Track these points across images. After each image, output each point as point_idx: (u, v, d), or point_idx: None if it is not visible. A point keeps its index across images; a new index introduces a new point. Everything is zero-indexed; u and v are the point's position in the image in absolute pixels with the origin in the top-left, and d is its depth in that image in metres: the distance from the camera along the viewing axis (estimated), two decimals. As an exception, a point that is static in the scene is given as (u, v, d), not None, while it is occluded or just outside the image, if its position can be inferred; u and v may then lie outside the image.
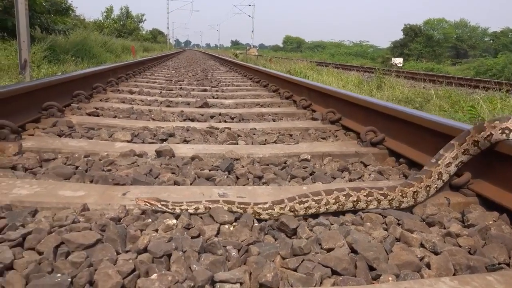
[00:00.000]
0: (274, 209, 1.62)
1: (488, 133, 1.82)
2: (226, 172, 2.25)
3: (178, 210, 1.61)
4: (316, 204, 1.65)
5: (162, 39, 76.92)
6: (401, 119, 2.62)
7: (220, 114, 3.98)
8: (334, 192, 1.68)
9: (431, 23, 60.06)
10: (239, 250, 1.37)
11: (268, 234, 1.54)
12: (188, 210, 1.62)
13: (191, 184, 2.04)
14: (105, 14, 51.87)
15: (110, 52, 20.91)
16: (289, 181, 2.16)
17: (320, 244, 1.42)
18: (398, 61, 27.53)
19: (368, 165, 2.47)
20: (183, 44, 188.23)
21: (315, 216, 1.68)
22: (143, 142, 2.79)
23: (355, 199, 1.69)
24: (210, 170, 2.23)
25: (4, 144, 2.38)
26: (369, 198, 1.71)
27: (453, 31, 61.27)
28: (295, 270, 1.28)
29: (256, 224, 1.55)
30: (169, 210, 1.61)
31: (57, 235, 1.36)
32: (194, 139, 2.96)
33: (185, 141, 2.90)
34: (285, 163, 2.46)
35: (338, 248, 1.39)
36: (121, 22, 53.34)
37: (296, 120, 3.97)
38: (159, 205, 1.60)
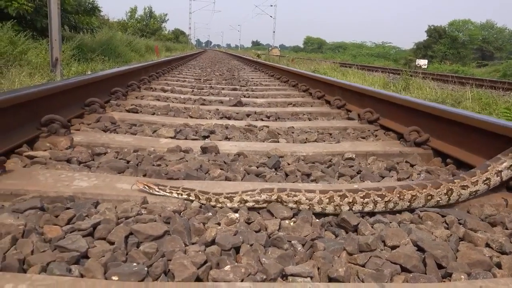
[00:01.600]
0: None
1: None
2: (273, 169, 2.26)
3: (175, 194, 1.69)
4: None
5: (184, 39, 77.63)
6: (447, 119, 2.59)
7: (255, 113, 3.99)
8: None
9: (456, 25, 58.93)
10: (303, 245, 1.37)
11: (327, 231, 1.54)
12: (183, 195, 1.69)
13: (242, 180, 2.05)
14: (129, 14, 52.66)
15: (135, 52, 21.23)
16: (337, 179, 2.16)
17: (383, 242, 1.41)
18: (422, 62, 27.13)
19: (415, 165, 2.44)
20: (204, 44, 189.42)
21: (371, 214, 1.67)
22: (186, 139, 2.83)
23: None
24: (257, 167, 2.24)
25: (55, 138, 2.44)
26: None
27: (479, 32, 60.00)
28: (363, 266, 1.28)
29: (317, 220, 1.56)
30: (167, 194, 1.69)
31: (125, 226, 1.39)
32: (234, 137, 2.98)
33: (227, 138, 2.92)
34: (330, 161, 2.45)
35: (403, 245, 1.38)
36: (144, 22, 54.01)
37: (332, 120, 3.95)
38: (157, 189, 1.69)
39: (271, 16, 65.30)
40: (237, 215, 1.52)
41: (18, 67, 9.21)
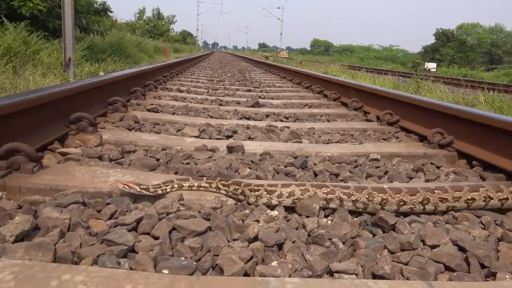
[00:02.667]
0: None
1: None
2: (300, 169, 2.27)
3: (160, 191, 1.66)
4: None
5: (191, 41, 77.90)
6: (471, 121, 2.59)
7: (274, 114, 4.01)
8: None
9: (464, 28, 58.72)
10: (344, 243, 1.38)
11: (364, 229, 1.55)
12: (167, 190, 1.70)
13: (272, 179, 2.07)
14: (137, 15, 52.94)
15: (144, 53, 21.35)
16: (365, 179, 2.17)
17: (422, 241, 1.42)
18: (431, 66, 27.05)
19: (440, 167, 2.45)
20: (210, 46, 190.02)
21: (405, 214, 1.68)
22: (210, 138, 2.85)
23: None
24: (285, 167, 2.26)
25: (84, 136, 2.47)
26: None
27: (487, 36, 59.70)
28: (406, 264, 1.29)
29: (355, 219, 1.57)
30: (150, 193, 1.64)
31: (168, 221, 1.41)
32: (257, 137, 2.99)
33: (250, 138, 2.94)
34: (355, 162, 2.46)
35: (443, 245, 1.39)
36: (152, 24, 54.26)
37: (351, 121, 3.96)
38: (138, 189, 1.62)
39: (278, 18, 65.44)
40: (276, 212, 1.54)
41: (32, 67, 9.29)
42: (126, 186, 1.62)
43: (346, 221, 1.53)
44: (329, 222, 1.54)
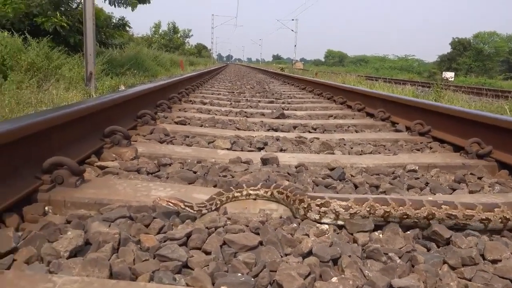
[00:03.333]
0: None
1: None
2: (338, 181, 2.23)
3: (204, 210, 1.61)
4: None
5: (206, 54, 78.69)
6: (510, 130, 2.52)
7: (301, 125, 3.98)
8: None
9: (481, 37, 58.05)
10: (400, 257, 1.34)
11: (417, 243, 1.50)
12: (212, 208, 1.65)
13: (312, 191, 2.03)
14: (153, 29, 53.74)
15: (160, 66, 21.63)
16: (407, 191, 2.11)
17: (482, 255, 1.37)
18: (449, 75, 26.71)
19: (482, 178, 2.38)
20: (224, 59, 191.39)
21: (460, 229, 1.61)
22: (242, 150, 2.83)
23: None
24: (323, 178, 2.22)
25: (120, 149, 2.48)
26: None
27: (505, 44, 58.87)
28: (470, 280, 1.23)
29: (408, 232, 1.53)
30: (194, 212, 1.58)
31: (218, 235, 1.39)
32: (288, 148, 2.96)
33: (281, 150, 2.91)
34: (393, 173, 2.41)
35: (505, 259, 1.33)
36: (168, 37, 55.00)
37: (379, 132, 3.90)
38: (182, 206, 1.56)
39: (292, 30, 65.72)
40: (326, 226, 1.50)
41: (54, 81, 9.45)
42: (170, 203, 1.58)
43: (398, 235, 1.48)
44: (381, 236, 1.49)
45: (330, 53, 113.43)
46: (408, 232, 1.54)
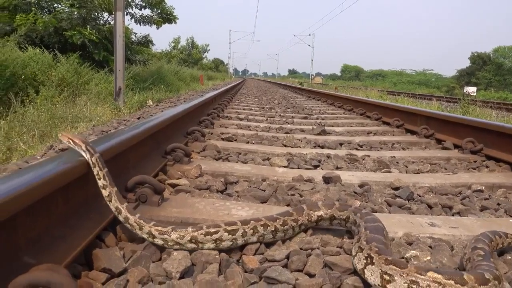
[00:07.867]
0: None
1: None
2: (407, 201, 2.20)
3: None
4: None
5: (223, 68, 79.54)
6: None
7: (346, 142, 3.96)
8: None
9: (501, 51, 57.40)
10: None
11: None
12: None
13: (387, 211, 2.01)
14: (172, 44, 54.61)
15: (181, 81, 21.93)
16: (482, 212, 2.07)
17: None
18: (471, 90, 26.34)
19: (553, 198, 2.32)
20: (240, 73, 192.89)
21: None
22: (298, 168, 2.82)
23: None
24: (393, 198, 2.19)
25: (182, 167, 2.50)
26: None
27: (526, 59, 58.07)
28: None
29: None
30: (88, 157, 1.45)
31: (317, 257, 1.38)
32: (342, 166, 2.95)
33: (337, 168, 2.89)
34: (459, 193, 2.37)
35: None
36: (187, 52, 55.79)
37: (427, 150, 3.86)
38: (84, 147, 1.46)
39: (309, 45, 65.96)
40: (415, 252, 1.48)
41: (84, 96, 9.63)
42: (71, 140, 1.48)
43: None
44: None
45: (346, 68, 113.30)
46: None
